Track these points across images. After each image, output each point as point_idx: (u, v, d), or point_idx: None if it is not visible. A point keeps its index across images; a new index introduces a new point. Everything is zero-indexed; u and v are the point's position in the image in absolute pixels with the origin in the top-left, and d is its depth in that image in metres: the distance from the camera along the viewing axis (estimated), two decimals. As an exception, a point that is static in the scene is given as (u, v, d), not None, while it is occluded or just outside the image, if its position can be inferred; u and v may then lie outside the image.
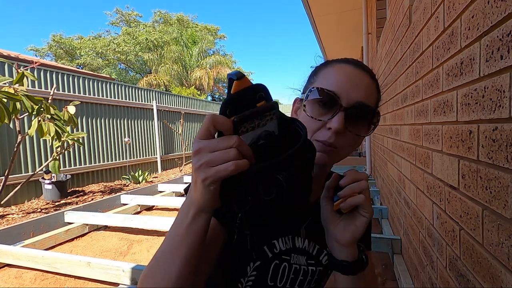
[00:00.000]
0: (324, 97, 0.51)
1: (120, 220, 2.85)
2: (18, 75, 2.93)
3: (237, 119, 0.34)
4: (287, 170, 0.36)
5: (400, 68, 1.77)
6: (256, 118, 0.35)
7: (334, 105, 0.51)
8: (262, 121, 0.36)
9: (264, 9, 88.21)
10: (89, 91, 5.48)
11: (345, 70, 0.54)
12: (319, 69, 0.58)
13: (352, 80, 0.52)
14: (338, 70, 0.54)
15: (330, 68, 0.56)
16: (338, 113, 0.50)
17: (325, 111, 0.52)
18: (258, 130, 0.36)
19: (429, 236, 1.18)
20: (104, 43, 20.63)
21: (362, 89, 0.53)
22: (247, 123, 0.35)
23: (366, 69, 0.56)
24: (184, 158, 7.64)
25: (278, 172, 0.35)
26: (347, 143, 0.53)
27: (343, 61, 0.56)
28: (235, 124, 0.34)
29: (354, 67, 0.54)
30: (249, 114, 0.35)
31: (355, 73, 0.53)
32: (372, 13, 3.74)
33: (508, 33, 0.55)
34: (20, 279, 2.07)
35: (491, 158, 0.62)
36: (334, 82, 0.52)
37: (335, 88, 0.51)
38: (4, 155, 4.09)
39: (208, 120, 0.35)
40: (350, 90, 0.51)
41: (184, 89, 17.56)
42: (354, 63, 0.56)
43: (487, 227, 0.65)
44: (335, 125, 0.50)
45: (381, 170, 3.10)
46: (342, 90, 0.51)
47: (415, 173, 1.42)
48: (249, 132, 0.36)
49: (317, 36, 5.91)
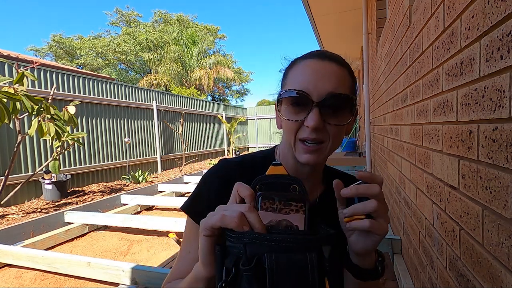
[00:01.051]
0: (295, 98, 0.52)
1: (120, 220, 2.85)
2: (18, 75, 2.93)
3: (260, 194, 0.37)
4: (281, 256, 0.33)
5: (400, 68, 1.77)
6: (279, 202, 0.37)
7: (306, 103, 0.51)
8: (286, 208, 0.37)
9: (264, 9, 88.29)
10: (89, 91, 5.48)
11: (310, 65, 0.53)
12: (287, 71, 0.58)
13: (318, 73, 0.52)
14: (303, 67, 0.54)
15: (296, 67, 0.55)
16: (312, 109, 0.50)
17: (299, 110, 0.52)
18: (279, 216, 0.37)
19: (429, 236, 1.18)
20: (104, 43, 20.62)
21: (331, 79, 0.52)
22: (269, 201, 0.37)
23: (332, 57, 0.55)
24: (184, 158, 7.64)
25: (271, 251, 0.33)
26: (332, 135, 0.53)
27: (308, 56, 0.56)
28: (257, 197, 0.37)
29: (318, 60, 0.54)
30: (273, 194, 0.37)
31: (320, 65, 0.53)
32: (372, 13, 3.74)
33: (508, 33, 0.55)
34: (20, 279, 2.07)
35: (491, 158, 0.62)
36: (301, 80, 0.52)
37: (304, 85, 0.51)
38: (4, 155, 4.09)
39: (235, 186, 0.40)
40: (318, 83, 0.51)
41: (184, 89, 17.56)
42: (319, 55, 0.55)
43: (487, 227, 0.65)
44: (311, 123, 0.50)
45: (381, 170, 3.10)
46: (310, 86, 0.51)
47: (415, 173, 1.42)
48: (268, 211, 0.37)
49: (317, 36, 5.91)
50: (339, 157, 6.08)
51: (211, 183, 0.61)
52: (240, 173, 0.61)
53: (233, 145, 10.70)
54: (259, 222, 0.36)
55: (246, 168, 0.63)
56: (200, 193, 0.62)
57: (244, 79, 25.00)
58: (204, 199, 0.60)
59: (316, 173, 0.63)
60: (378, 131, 3.28)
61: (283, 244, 0.33)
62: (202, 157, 9.40)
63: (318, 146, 0.52)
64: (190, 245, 0.59)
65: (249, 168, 0.63)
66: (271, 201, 0.37)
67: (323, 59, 0.54)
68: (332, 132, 0.53)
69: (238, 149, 11.16)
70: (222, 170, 0.62)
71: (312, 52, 0.57)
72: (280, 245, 0.33)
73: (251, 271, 0.32)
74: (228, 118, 11.18)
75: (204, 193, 0.61)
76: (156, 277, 1.71)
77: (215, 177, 0.62)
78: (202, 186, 0.62)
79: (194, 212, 0.60)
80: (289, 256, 0.33)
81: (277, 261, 0.33)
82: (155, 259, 2.35)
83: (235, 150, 10.78)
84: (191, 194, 0.63)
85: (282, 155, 0.64)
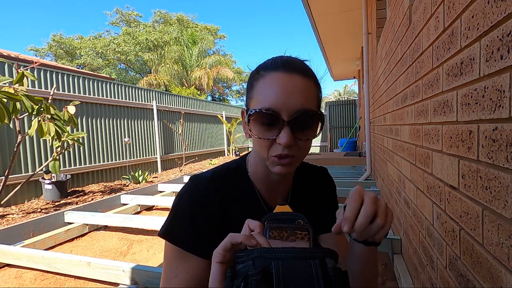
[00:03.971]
0: (265, 118, 0.52)
1: (120, 220, 2.85)
2: (18, 75, 2.93)
3: (268, 225, 0.42)
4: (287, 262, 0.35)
5: (400, 68, 1.77)
6: (285, 231, 0.41)
7: (277, 122, 0.52)
8: (292, 236, 0.41)
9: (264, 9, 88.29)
10: (89, 91, 5.48)
11: (277, 80, 0.52)
12: (253, 81, 0.57)
13: (286, 89, 0.52)
14: (270, 82, 0.53)
15: (262, 80, 0.54)
16: (283, 128, 0.51)
17: (270, 128, 0.53)
18: (286, 243, 0.41)
19: (429, 236, 1.18)
20: (104, 43, 20.63)
21: (299, 95, 0.52)
22: (276, 231, 0.41)
23: (298, 68, 0.55)
24: (184, 158, 7.64)
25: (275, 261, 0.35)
26: (302, 148, 0.55)
27: (273, 67, 0.54)
28: (265, 228, 0.42)
29: (285, 73, 0.53)
30: (279, 225, 0.42)
31: (287, 80, 0.52)
32: (372, 13, 3.74)
33: (508, 33, 0.55)
34: (20, 279, 2.07)
35: (491, 158, 0.62)
36: (269, 97, 0.52)
37: (272, 103, 0.51)
38: (4, 155, 4.09)
39: (246, 222, 0.43)
40: (287, 101, 0.51)
41: (184, 89, 17.55)
42: (284, 66, 0.54)
43: (487, 227, 0.65)
44: (284, 140, 0.51)
45: (381, 170, 3.10)
46: (279, 104, 0.51)
47: (415, 173, 1.42)
48: (277, 239, 0.41)
49: (317, 36, 5.91)
50: (339, 157, 6.08)
51: (184, 206, 0.61)
52: (214, 188, 0.62)
53: (233, 145, 10.70)
54: (266, 242, 0.39)
55: (219, 182, 0.63)
56: (176, 216, 0.61)
57: (244, 79, 25.00)
58: (181, 223, 0.60)
59: (285, 180, 0.67)
60: (378, 131, 3.28)
61: (289, 255, 0.36)
62: (202, 157, 9.40)
63: (290, 159, 0.55)
64: (176, 270, 0.59)
65: (223, 180, 0.64)
66: (279, 231, 0.41)
67: (290, 72, 0.53)
68: (302, 146, 0.55)
69: (238, 149, 11.17)
70: (194, 190, 0.62)
71: (277, 60, 0.56)
72: (286, 255, 0.36)
73: (259, 274, 0.34)
74: (228, 118, 11.18)
75: (179, 216, 0.61)
76: (156, 277, 1.71)
77: (188, 198, 0.61)
78: (176, 209, 0.62)
79: (172, 236, 0.60)
80: (294, 262, 0.35)
81: (283, 266, 0.35)
82: (155, 259, 2.35)
83: (235, 150, 10.79)
84: (167, 218, 0.62)
85: (253, 163, 0.66)
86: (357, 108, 11.14)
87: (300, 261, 0.35)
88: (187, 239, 0.59)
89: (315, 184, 0.74)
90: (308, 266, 0.35)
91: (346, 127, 11.75)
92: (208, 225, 0.60)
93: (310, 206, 0.71)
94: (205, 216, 0.60)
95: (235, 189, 0.64)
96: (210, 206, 0.60)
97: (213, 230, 0.60)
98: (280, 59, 0.56)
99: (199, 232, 0.59)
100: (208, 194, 0.61)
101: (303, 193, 0.71)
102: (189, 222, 0.59)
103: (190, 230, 0.59)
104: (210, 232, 0.59)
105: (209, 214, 0.60)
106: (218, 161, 8.97)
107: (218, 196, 0.61)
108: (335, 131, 11.90)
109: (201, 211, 0.60)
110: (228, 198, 0.63)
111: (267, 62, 0.58)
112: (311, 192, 0.72)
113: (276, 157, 0.54)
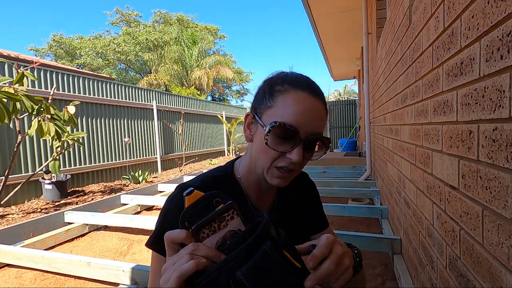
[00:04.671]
0: (284, 132, 0.54)
1: (120, 220, 2.85)
2: (18, 75, 2.93)
3: (194, 228, 0.37)
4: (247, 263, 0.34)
5: (400, 68, 1.77)
6: (214, 222, 0.37)
7: (293, 138, 0.55)
8: (222, 222, 0.37)
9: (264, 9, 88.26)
10: (89, 91, 5.48)
11: (304, 100, 0.56)
12: (277, 91, 0.58)
13: (310, 112, 0.56)
14: (297, 100, 0.56)
15: (287, 95, 0.57)
16: (298, 146, 0.55)
17: (284, 142, 0.55)
18: (222, 232, 0.37)
19: (429, 236, 1.18)
20: (104, 43, 20.62)
21: (318, 120, 0.57)
22: (206, 228, 0.37)
23: (319, 94, 0.59)
24: (184, 158, 7.64)
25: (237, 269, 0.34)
26: (302, 166, 0.59)
27: (299, 86, 0.57)
28: (194, 233, 0.37)
29: (310, 95, 0.57)
30: (205, 220, 0.37)
31: (312, 104, 0.56)
32: (372, 13, 3.74)
33: (508, 33, 0.55)
34: (20, 279, 2.07)
35: (491, 158, 0.62)
36: (294, 114, 0.55)
37: (295, 121, 0.54)
38: (4, 155, 4.09)
39: (165, 238, 0.38)
40: (308, 123, 0.55)
41: (184, 89, 17.55)
42: (309, 88, 0.57)
43: (487, 227, 0.65)
44: (295, 158, 0.54)
45: (381, 170, 3.10)
46: (301, 124, 0.54)
47: (415, 173, 1.42)
48: (211, 236, 0.37)
49: (317, 36, 5.91)
50: (339, 157, 6.08)
51: (172, 213, 0.61)
52: None
53: (233, 145, 10.70)
54: (210, 250, 0.36)
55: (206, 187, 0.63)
56: (163, 227, 0.61)
57: (244, 79, 25.00)
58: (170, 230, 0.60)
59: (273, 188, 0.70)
60: (378, 131, 3.28)
61: (239, 258, 0.34)
62: (202, 157, 9.40)
63: (290, 173, 0.58)
64: None
65: (211, 186, 0.64)
66: (207, 226, 0.37)
67: (314, 95, 0.57)
68: (303, 164, 0.59)
69: (238, 149, 11.16)
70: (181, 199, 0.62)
71: (302, 81, 0.59)
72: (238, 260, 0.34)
73: None
74: (228, 118, 11.18)
75: (167, 227, 0.59)
76: (156, 277, 1.71)
77: (176, 205, 0.61)
78: (164, 217, 0.62)
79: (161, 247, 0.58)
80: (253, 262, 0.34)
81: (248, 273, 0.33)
82: (155, 259, 2.35)
83: (235, 150, 10.79)
84: (155, 229, 0.62)
85: (245, 170, 0.67)
86: (357, 108, 11.15)
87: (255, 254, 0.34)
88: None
89: (299, 189, 0.77)
90: (265, 253, 0.34)
91: (346, 127, 11.75)
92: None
93: (296, 211, 0.74)
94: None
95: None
96: None
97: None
98: (305, 80, 0.60)
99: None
100: None
101: (288, 199, 0.74)
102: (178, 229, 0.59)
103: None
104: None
105: None
106: (218, 161, 8.97)
107: None
108: (335, 131, 11.90)
109: None
110: None
111: (291, 77, 0.60)
112: (296, 197, 0.75)
113: (279, 168, 0.57)
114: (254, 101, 0.63)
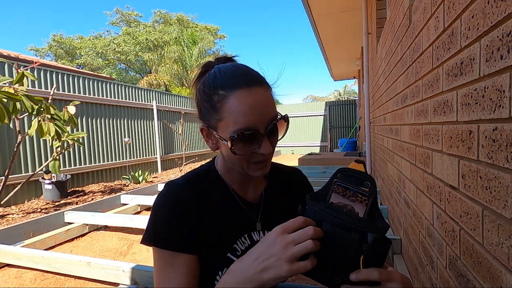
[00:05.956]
0: (246, 137, 0.55)
1: (120, 220, 2.85)
2: (18, 75, 2.93)
3: (336, 181, 0.47)
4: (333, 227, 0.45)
5: (400, 68, 1.77)
6: (349, 191, 0.46)
7: (256, 136, 0.56)
8: (353, 197, 0.45)
9: (264, 9, 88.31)
10: (89, 91, 5.48)
11: (245, 98, 0.55)
12: (217, 103, 0.57)
13: (257, 105, 0.55)
14: (240, 102, 0.54)
15: (229, 101, 0.55)
16: (263, 140, 0.56)
17: (250, 144, 0.57)
18: (346, 201, 0.46)
19: (429, 236, 1.18)
20: (104, 43, 20.63)
21: (267, 106, 0.57)
22: (341, 188, 0.46)
23: (255, 80, 0.57)
24: (184, 158, 7.64)
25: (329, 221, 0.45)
26: (273, 148, 0.61)
27: (233, 85, 0.56)
28: (334, 183, 0.47)
29: (248, 89, 0.55)
30: (346, 185, 0.46)
31: (254, 96, 0.55)
32: (372, 13, 3.74)
33: (508, 33, 0.55)
34: (20, 279, 2.07)
35: (491, 158, 0.62)
36: (243, 118, 0.54)
37: (249, 122, 0.54)
38: (4, 155, 4.09)
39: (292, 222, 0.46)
40: (259, 116, 0.55)
41: (184, 89, 17.55)
42: (245, 82, 0.56)
43: (487, 227, 0.65)
44: (266, 150, 0.57)
45: (381, 170, 3.10)
46: (256, 121, 0.55)
47: (415, 173, 1.42)
48: (340, 195, 0.46)
49: (317, 36, 5.91)
50: (339, 157, 6.08)
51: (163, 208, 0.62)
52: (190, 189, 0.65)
53: (233, 145, 10.68)
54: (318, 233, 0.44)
55: (193, 183, 0.67)
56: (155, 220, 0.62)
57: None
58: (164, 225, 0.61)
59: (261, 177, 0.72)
60: (378, 131, 3.28)
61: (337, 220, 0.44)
62: (202, 157, 9.40)
63: (267, 161, 0.62)
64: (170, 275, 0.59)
65: (197, 181, 0.67)
66: (343, 189, 0.46)
67: (251, 86, 0.56)
68: (274, 147, 0.61)
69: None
70: (170, 192, 0.64)
71: (233, 78, 0.57)
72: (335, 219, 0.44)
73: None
74: (228, 118, 11.16)
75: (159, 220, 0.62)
76: (156, 277, 1.71)
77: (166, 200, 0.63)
78: (155, 214, 0.62)
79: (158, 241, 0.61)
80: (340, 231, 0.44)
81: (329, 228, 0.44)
82: (155, 259, 2.35)
83: (235, 150, 10.77)
84: (148, 225, 0.63)
85: (224, 168, 0.70)
86: (357, 108, 11.14)
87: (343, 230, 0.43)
88: (171, 239, 0.60)
89: (288, 182, 0.79)
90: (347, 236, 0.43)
91: (346, 127, 11.75)
92: (189, 222, 0.61)
93: (283, 202, 0.75)
94: (185, 213, 0.62)
95: (210, 188, 0.67)
96: (188, 204, 0.62)
97: (195, 227, 0.62)
98: (234, 75, 0.57)
99: (182, 230, 0.60)
100: (184, 193, 0.63)
101: (275, 190, 0.76)
102: (171, 222, 0.60)
103: (174, 230, 0.60)
104: (192, 229, 0.61)
105: (188, 211, 0.62)
106: (218, 161, 8.96)
107: (195, 195, 0.64)
108: (335, 131, 11.90)
109: (180, 210, 0.62)
110: (205, 196, 0.65)
111: (223, 78, 0.58)
112: (284, 189, 0.77)
113: (256, 163, 0.59)
114: (202, 115, 0.63)
